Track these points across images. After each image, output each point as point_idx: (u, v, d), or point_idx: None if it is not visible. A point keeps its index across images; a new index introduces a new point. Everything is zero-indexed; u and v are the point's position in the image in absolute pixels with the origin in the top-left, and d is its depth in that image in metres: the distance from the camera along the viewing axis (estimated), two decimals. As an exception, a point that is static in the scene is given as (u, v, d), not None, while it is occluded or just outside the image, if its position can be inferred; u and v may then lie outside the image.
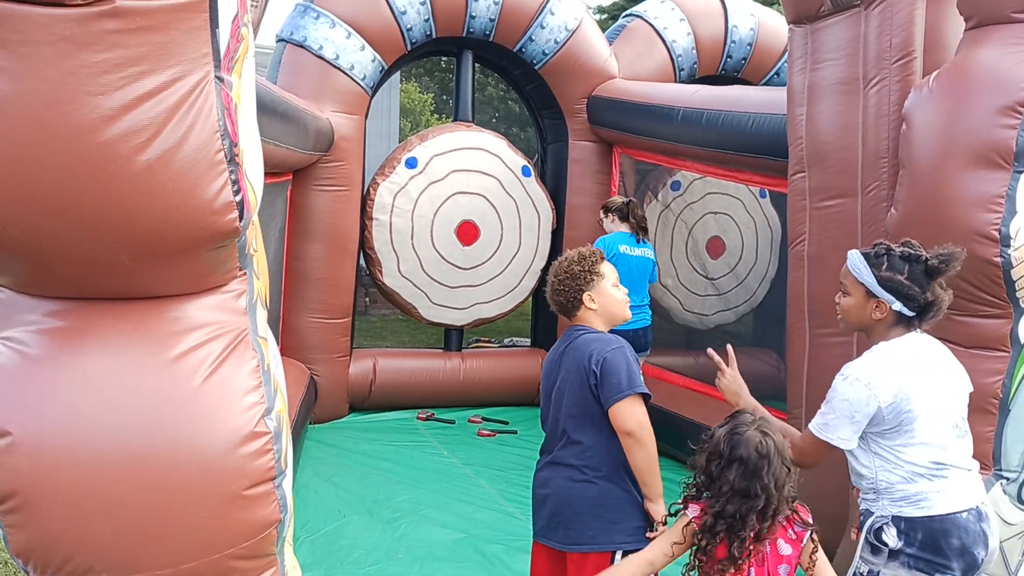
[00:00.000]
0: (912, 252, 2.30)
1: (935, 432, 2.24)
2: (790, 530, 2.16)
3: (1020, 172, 2.84)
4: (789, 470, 2.11)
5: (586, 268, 2.57)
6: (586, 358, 2.43)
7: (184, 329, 1.89)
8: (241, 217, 1.77)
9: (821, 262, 3.76)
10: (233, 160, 1.72)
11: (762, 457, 2.07)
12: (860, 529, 2.33)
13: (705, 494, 2.18)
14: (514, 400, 6.53)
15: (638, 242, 5.13)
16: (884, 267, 2.29)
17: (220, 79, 1.69)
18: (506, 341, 8.06)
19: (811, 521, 2.21)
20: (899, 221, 3.16)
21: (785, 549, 2.16)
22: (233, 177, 1.72)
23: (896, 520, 2.23)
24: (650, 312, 5.23)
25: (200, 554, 1.89)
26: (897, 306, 2.27)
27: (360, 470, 5.09)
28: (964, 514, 2.21)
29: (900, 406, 2.22)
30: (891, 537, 2.23)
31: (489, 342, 7.92)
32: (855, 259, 2.36)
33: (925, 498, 2.22)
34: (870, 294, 2.30)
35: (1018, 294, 2.84)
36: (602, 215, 5.35)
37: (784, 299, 4.12)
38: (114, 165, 1.55)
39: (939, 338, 2.45)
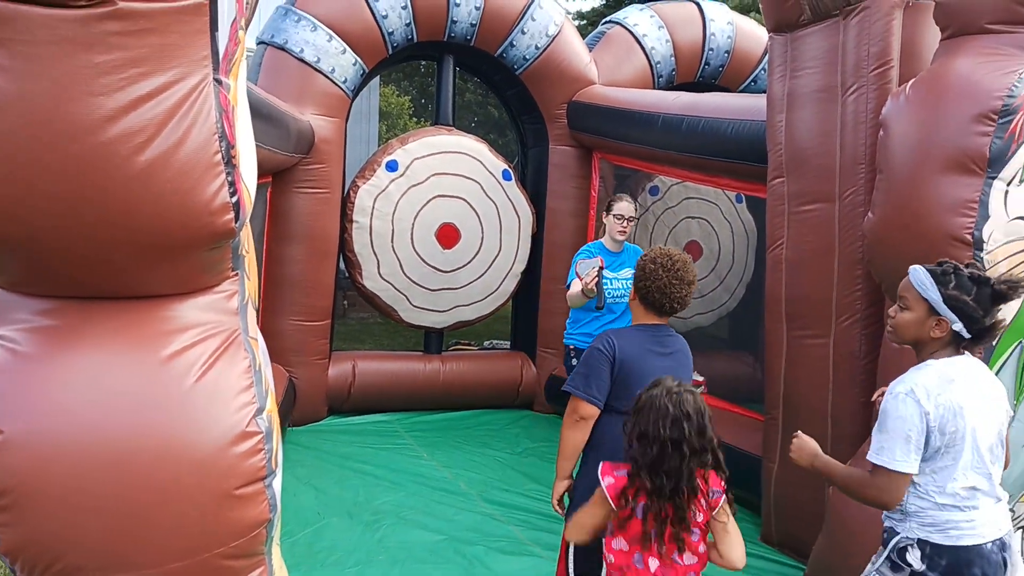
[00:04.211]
0: (981, 275, 2.23)
1: (976, 457, 2.20)
2: (702, 499, 2.26)
3: (993, 178, 2.93)
4: (706, 433, 2.25)
5: None
6: (690, 362, 2.84)
7: (176, 329, 1.90)
8: (237, 218, 1.78)
9: (799, 266, 3.83)
10: (230, 162, 1.73)
11: (675, 406, 2.23)
12: (883, 545, 2.30)
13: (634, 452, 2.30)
14: (495, 403, 6.56)
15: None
16: (952, 285, 2.21)
17: (219, 81, 1.70)
18: (486, 344, 8.08)
19: (723, 488, 2.30)
20: (876, 225, 3.23)
21: (698, 516, 2.26)
22: (230, 179, 1.73)
23: (922, 544, 2.20)
24: None
25: (190, 553, 1.89)
26: (958, 326, 2.21)
27: (339, 473, 5.08)
28: (989, 544, 2.19)
29: (947, 425, 2.17)
30: (915, 559, 2.20)
31: (469, 345, 7.93)
32: (921, 275, 2.27)
33: (956, 527, 2.19)
34: (932, 311, 2.23)
35: (990, 298, 2.92)
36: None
37: (759, 302, 4.19)
38: (113, 165, 1.55)
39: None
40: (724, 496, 2.30)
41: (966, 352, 2.28)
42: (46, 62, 1.47)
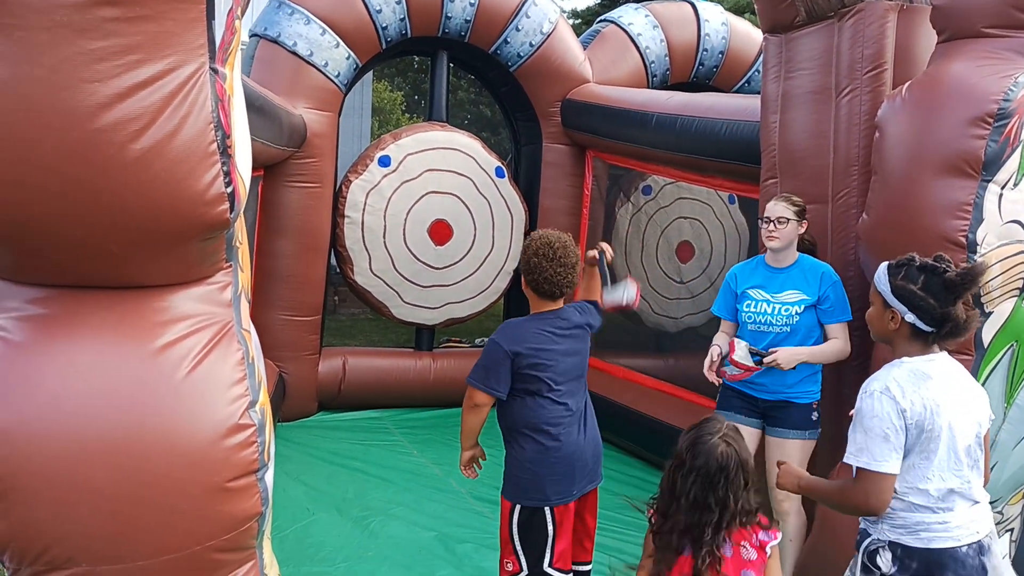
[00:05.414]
0: (932, 264, 2.17)
1: (952, 458, 2.15)
2: (755, 535, 2.16)
3: (987, 181, 2.93)
4: (747, 483, 2.13)
5: None
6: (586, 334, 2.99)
7: (169, 320, 1.88)
8: (232, 209, 1.77)
9: (792, 267, 3.83)
10: (226, 151, 1.71)
11: (721, 469, 2.09)
12: (856, 548, 2.27)
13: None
14: (484, 400, 6.53)
15: None
16: (900, 276, 2.18)
17: (215, 70, 1.69)
18: (477, 341, 8.04)
19: (773, 525, 2.22)
20: (871, 226, 3.24)
21: (751, 554, 2.15)
22: (225, 168, 1.72)
23: (893, 546, 2.16)
24: None
25: (181, 545, 1.88)
26: (910, 318, 2.16)
27: (329, 469, 5.07)
28: (965, 548, 2.14)
29: (924, 423, 2.12)
30: (885, 562, 2.16)
31: (460, 342, 7.91)
32: (880, 268, 2.26)
33: (927, 528, 2.14)
34: (887, 304, 2.21)
35: (983, 299, 2.93)
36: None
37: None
38: (108, 153, 1.54)
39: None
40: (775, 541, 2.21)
41: (943, 351, 2.23)
42: (40, 48, 1.46)
